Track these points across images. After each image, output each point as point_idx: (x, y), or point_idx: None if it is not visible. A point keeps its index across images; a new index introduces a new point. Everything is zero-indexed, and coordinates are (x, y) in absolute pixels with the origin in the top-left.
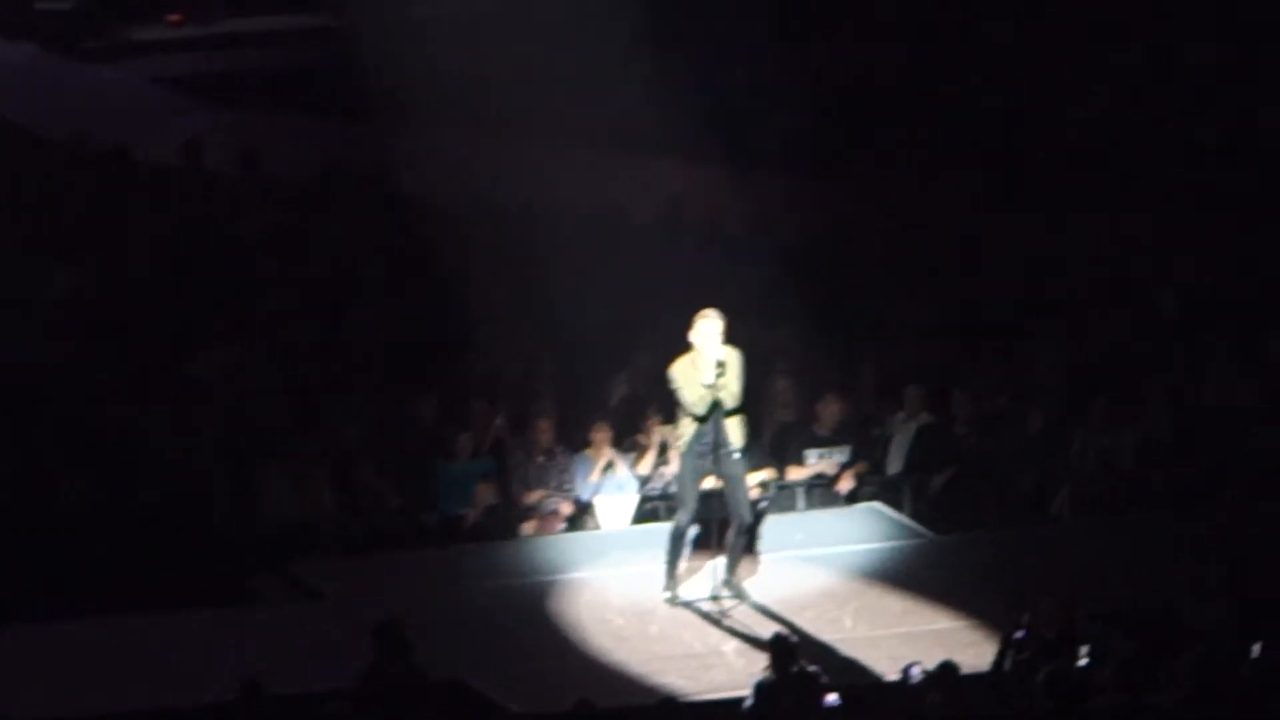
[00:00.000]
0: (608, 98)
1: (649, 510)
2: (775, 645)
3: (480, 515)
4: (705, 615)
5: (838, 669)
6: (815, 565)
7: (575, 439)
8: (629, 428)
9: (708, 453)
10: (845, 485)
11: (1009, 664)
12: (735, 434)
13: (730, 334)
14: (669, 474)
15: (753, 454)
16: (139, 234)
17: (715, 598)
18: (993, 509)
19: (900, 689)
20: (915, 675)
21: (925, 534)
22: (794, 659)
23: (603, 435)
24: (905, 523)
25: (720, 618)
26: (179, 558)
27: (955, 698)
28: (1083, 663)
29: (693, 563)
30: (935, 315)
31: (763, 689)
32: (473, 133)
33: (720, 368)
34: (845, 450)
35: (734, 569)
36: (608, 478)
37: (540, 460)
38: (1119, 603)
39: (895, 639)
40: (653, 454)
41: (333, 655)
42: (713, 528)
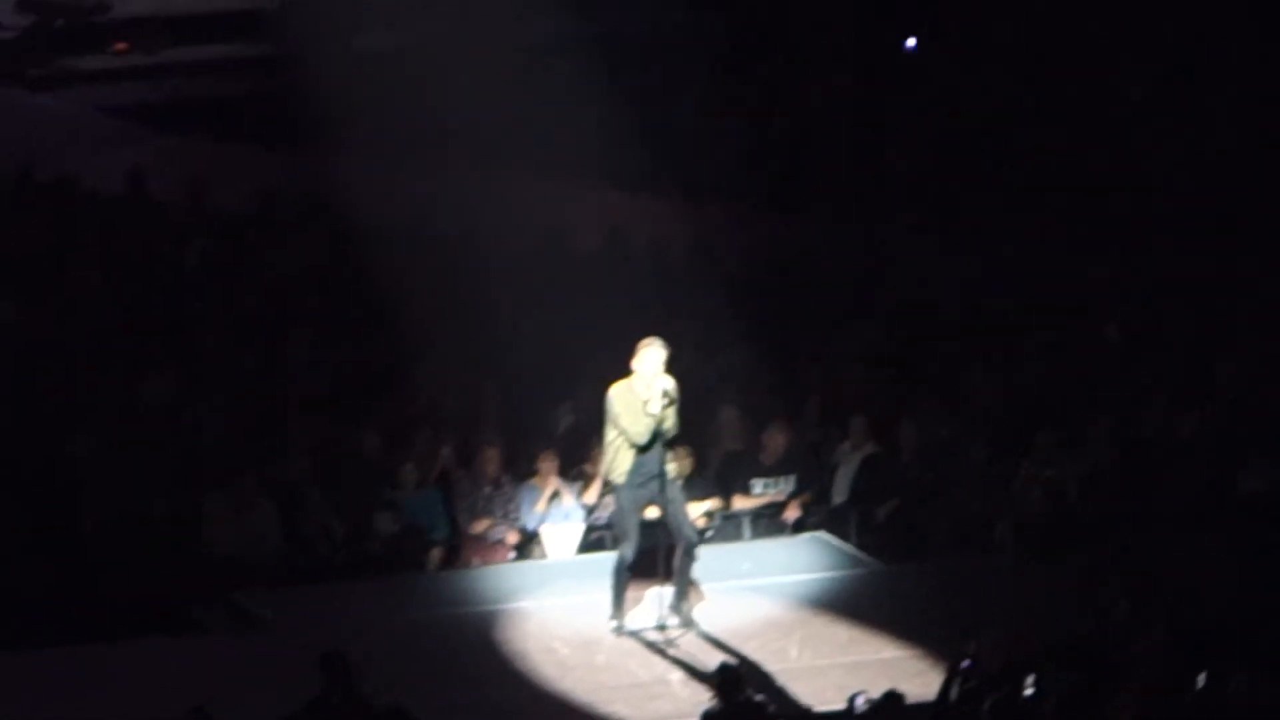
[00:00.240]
0: (551, 127)
1: (595, 539)
2: (721, 675)
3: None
4: (651, 645)
5: (783, 698)
6: (761, 595)
7: (521, 468)
8: (575, 457)
9: (647, 482)
10: (791, 515)
11: (955, 694)
12: (672, 462)
13: (675, 363)
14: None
15: (698, 484)
16: (84, 263)
17: (661, 627)
18: (938, 539)
19: (846, 718)
20: (860, 705)
21: (871, 563)
22: (740, 688)
23: (549, 465)
24: (851, 552)
25: (666, 647)
26: (123, 587)
27: None
28: (1028, 693)
29: (638, 592)
30: (880, 345)
31: (709, 719)
32: (415, 162)
33: (666, 397)
34: (791, 480)
35: (683, 596)
36: (554, 507)
37: (487, 490)
38: (1062, 633)
39: (841, 668)
40: (598, 483)
41: (278, 685)
42: (658, 556)
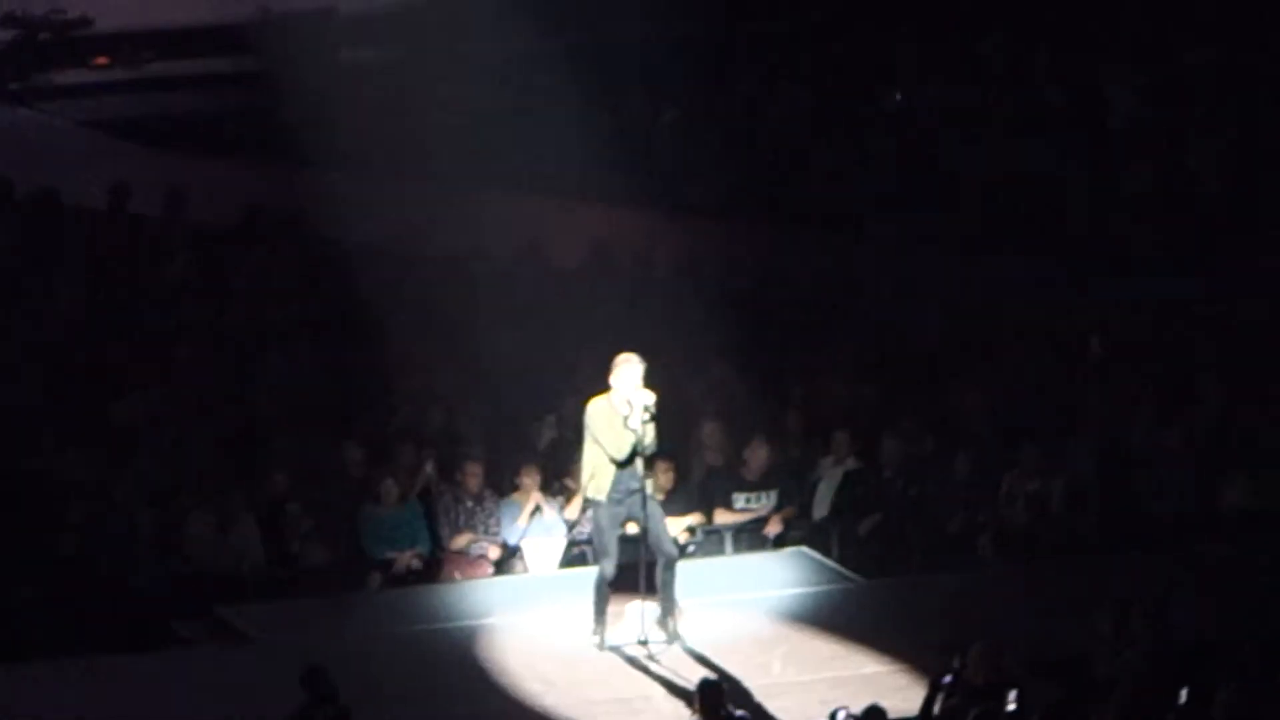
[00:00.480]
0: (533, 142)
1: (576, 554)
2: (703, 690)
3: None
4: (633, 660)
5: (766, 714)
6: (743, 610)
7: (503, 483)
8: (557, 472)
9: (625, 498)
10: (773, 530)
11: (937, 709)
12: (651, 478)
13: (657, 378)
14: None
15: (680, 498)
16: (66, 278)
17: (643, 642)
18: (920, 554)
19: None
20: None
21: (853, 578)
22: (722, 704)
23: (531, 479)
24: (833, 567)
25: (648, 662)
26: (106, 603)
27: None
28: (1011, 708)
29: (620, 607)
30: (863, 359)
31: None
32: (397, 176)
33: (647, 412)
34: (773, 495)
35: (669, 612)
36: (535, 522)
37: (469, 505)
38: (1045, 648)
39: (823, 683)
40: (580, 498)
41: (260, 700)
42: (639, 572)
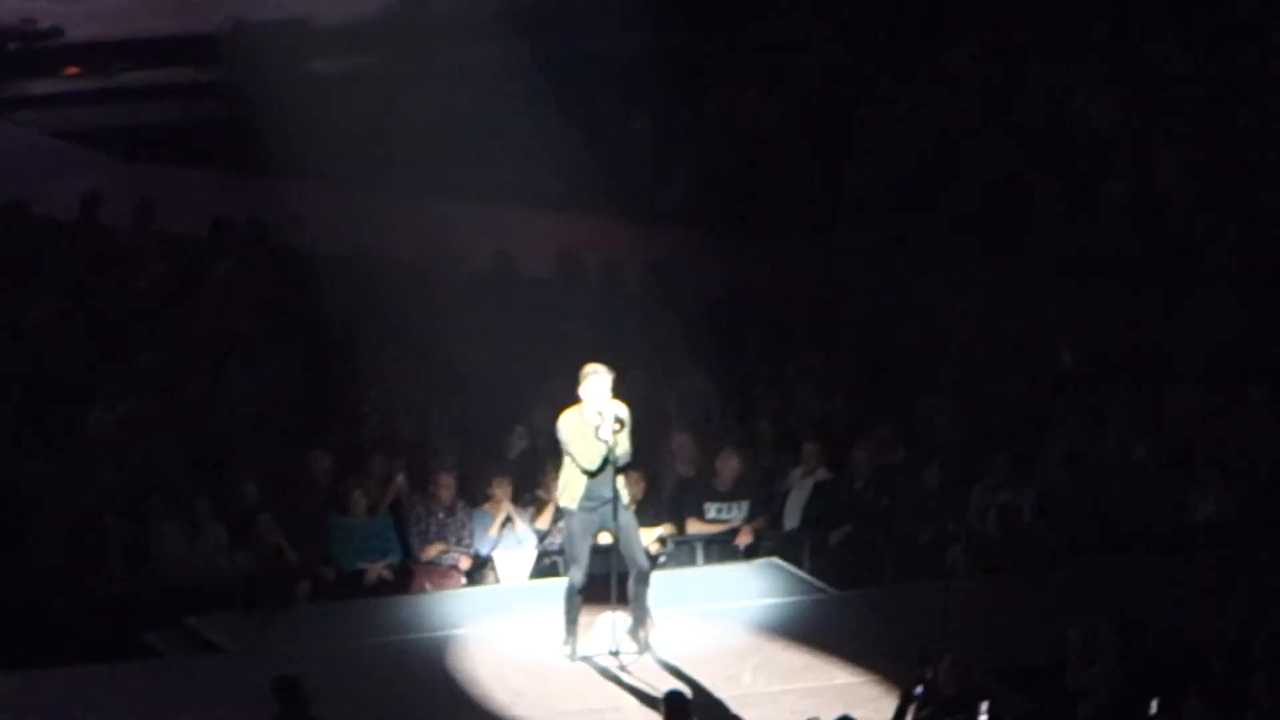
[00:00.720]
0: (503, 151)
1: (548, 565)
2: (670, 702)
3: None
4: (604, 671)
5: None
6: (714, 621)
7: (473, 494)
8: (528, 482)
9: (598, 508)
10: (744, 540)
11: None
12: (624, 488)
13: (629, 388)
14: (565, 528)
15: (651, 509)
16: (35, 288)
17: (615, 652)
18: (891, 565)
19: None
20: None
21: (824, 589)
22: (688, 716)
23: (502, 490)
24: (804, 578)
25: (619, 673)
26: (74, 613)
27: None
28: (983, 718)
29: (591, 617)
30: (834, 370)
31: None
32: (367, 186)
33: (619, 424)
34: (744, 505)
35: (640, 623)
36: (506, 532)
37: (440, 515)
38: (1016, 658)
39: (795, 694)
40: (551, 508)
41: (231, 710)
42: (610, 582)
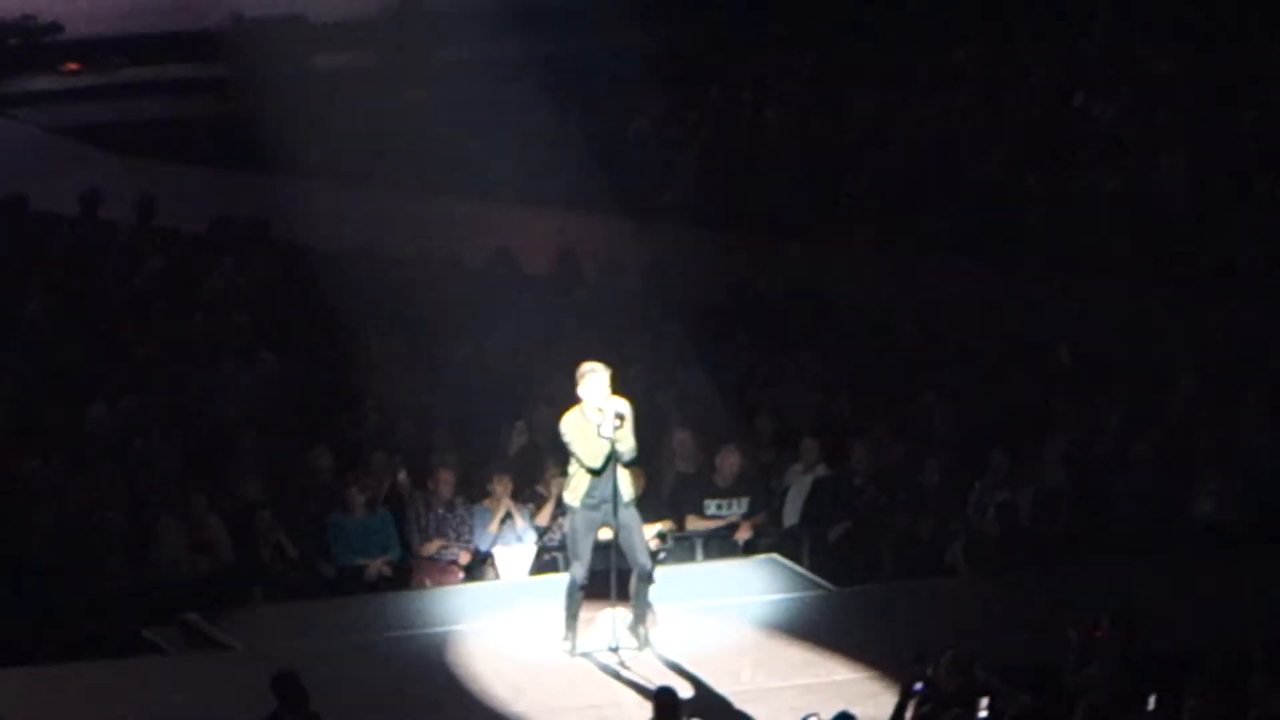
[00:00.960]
0: (503, 149)
1: (547, 561)
2: (660, 699)
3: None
4: (604, 667)
5: None
6: (714, 617)
7: (473, 490)
8: (527, 478)
9: (600, 505)
10: (743, 536)
11: (909, 716)
12: (627, 485)
13: (629, 386)
14: (567, 524)
15: (651, 505)
16: (35, 284)
17: (614, 649)
18: (889, 561)
19: None
20: None
21: (823, 586)
22: (679, 713)
23: (502, 486)
24: (803, 574)
25: (619, 669)
26: (74, 609)
27: None
28: (982, 715)
29: (591, 614)
30: (833, 367)
31: None
32: (367, 184)
33: (619, 420)
34: (744, 501)
35: (640, 620)
36: (506, 528)
37: (439, 511)
38: (1015, 656)
39: (794, 690)
40: (551, 505)
41: (231, 706)
42: (610, 579)
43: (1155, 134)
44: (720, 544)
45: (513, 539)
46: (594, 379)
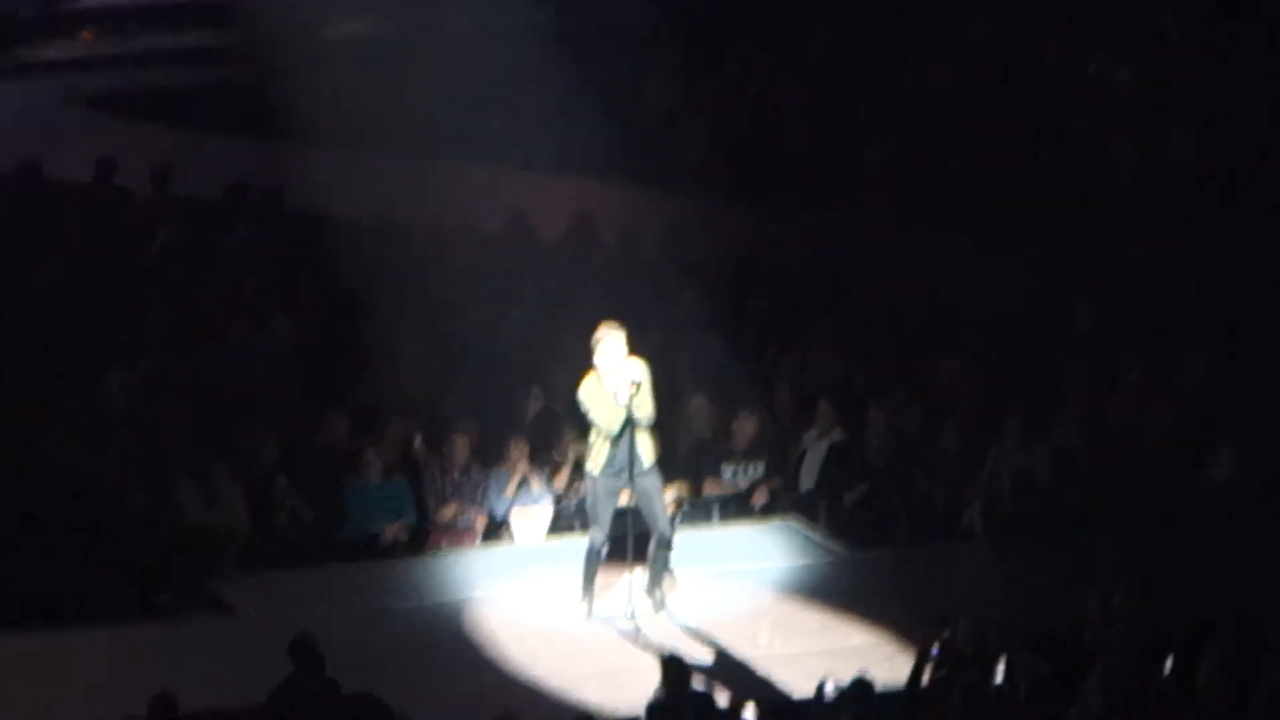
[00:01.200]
0: (519, 115)
1: (564, 525)
2: (668, 665)
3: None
4: (621, 632)
5: (753, 685)
6: (730, 582)
7: (489, 454)
8: (543, 443)
9: (620, 470)
10: (759, 501)
11: (925, 680)
12: (647, 450)
13: (644, 351)
14: (583, 489)
15: (667, 470)
16: (51, 251)
17: (631, 614)
18: (905, 526)
19: (815, 705)
20: (830, 691)
21: (840, 551)
22: (686, 679)
23: (518, 451)
24: (820, 540)
25: (636, 634)
26: (91, 574)
27: (870, 713)
28: (998, 680)
29: (608, 579)
30: (849, 332)
31: (655, 710)
32: (382, 151)
33: (635, 386)
34: (760, 466)
35: (656, 583)
36: (522, 493)
37: (455, 476)
38: (1032, 621)
39: (810, 655)
40: (567, 469)
41: (247, 671)
42: (627, 544)
43: (1170, 100)
44: (737, 509)
45: (529, 503)
46: (609, 344)
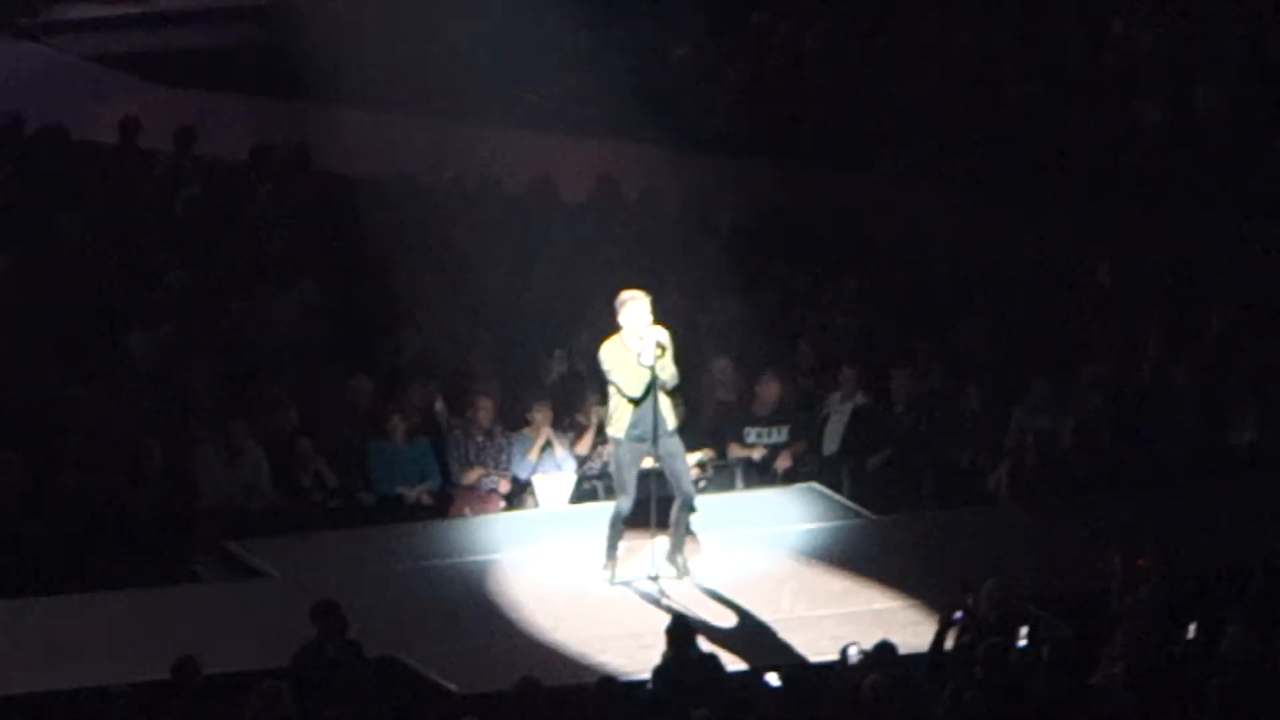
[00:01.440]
0: (543, 76)
1: (587, 489)
2: (673, 628)
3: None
4: (644, 595)
5: (776, 649)
6: (754, 545)
7: (513, 418)
8: (567, 407)
9: (645, 435)
10: (783, 464)
11: (949, 645)
12: (670, 414)
13: (668, 314)
14: (607, 453)
15: (691, 434)
16: (74, 212)
17: (654, 577)
18: (929, 489)
19: (838, 669)
20: (853, 655)
21: (863, 514)
22: (692, 642)
23: (542, 414)
24: (843, 503)
25: (659, 597)
26: (115, 537)
27: (893, 678)
28: (1022, 644)
29: (631, 542)
30: (873, 295)
31: (661, 674)
32: (406, 111)
33: (660, 349)
34: (784, 430)
35: (679, 548)
36: (546, 457)
37: (479, 440)
38: (1056, 584)
39: (834, 619)
40: (591, 433)
41: (270, 634)
42: (650, 507)
43: (1194, 60)
44: (760, 472)
45: (552, 467)
46: (634, 306)
